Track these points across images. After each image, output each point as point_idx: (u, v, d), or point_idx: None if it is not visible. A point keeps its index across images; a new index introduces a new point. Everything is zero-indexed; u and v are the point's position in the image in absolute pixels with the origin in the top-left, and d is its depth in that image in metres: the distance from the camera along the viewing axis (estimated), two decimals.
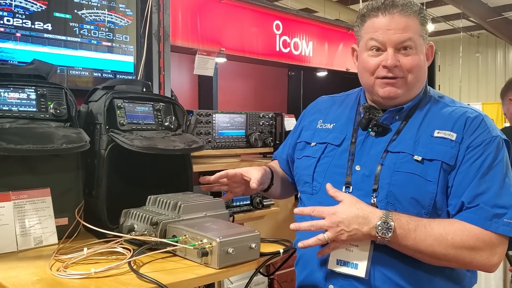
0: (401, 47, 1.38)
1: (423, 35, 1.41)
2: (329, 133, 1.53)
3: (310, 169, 1.51)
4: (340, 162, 1.44)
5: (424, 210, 1.32)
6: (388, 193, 1.33)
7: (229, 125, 2.50)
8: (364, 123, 1.45)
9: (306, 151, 1.57)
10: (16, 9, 1.76)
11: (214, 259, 1.21)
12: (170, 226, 1.35)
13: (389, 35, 1.37)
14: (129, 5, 2.10)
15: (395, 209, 1.31)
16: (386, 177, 1.34)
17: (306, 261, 1.48)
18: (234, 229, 1.32)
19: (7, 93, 1.46)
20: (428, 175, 1.32)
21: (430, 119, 1.41)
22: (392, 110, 1.43)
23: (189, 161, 1.75)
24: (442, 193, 1.32)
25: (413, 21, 1.38)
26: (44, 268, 1.20)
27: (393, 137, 1.40)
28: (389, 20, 1.38)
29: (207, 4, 2.42)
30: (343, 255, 1.36)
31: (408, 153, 1.35)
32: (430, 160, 1.33)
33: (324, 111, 1.63)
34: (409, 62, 1.38)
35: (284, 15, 2.85)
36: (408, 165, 1.34)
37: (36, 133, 1.41)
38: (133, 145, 1.51)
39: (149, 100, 1.72)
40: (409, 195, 1.32)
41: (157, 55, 2.14)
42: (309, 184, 1.50)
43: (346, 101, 1.61)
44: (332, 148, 1.49)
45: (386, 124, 1.43)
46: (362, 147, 1.43)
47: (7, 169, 1.42)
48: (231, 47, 2.54)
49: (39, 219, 1.43)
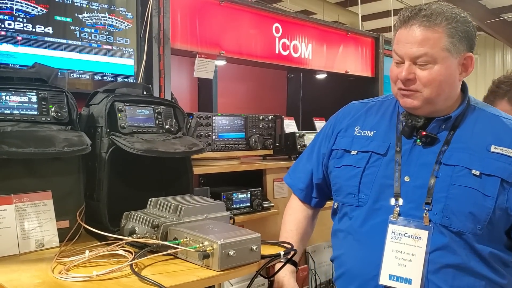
0: (418, 61, 1.34)
1: (449, 48, 1.32)
2: (371, 140, 1.48)
3: (355, 180, 1.45)
4: (387, 173, 1.40)
5: (479, 225, 1.30)
6: (444, 206, 1.31)
7: (228, 127, 2.50)
8: (408, 131, 1.41)
9: (346, 159, 1.51)
10: (17, 12, 1.77)
11: (215, 261, 1.22)
12: (171, 229, 1.36)
13: (406, 49, 1.34)
14: (129, 9, 2.11)
15: (451, 223, 1.30)
16: (442, 191, 1.32)
17: (352, 276, 1.44)
18: (235, 231, 1.32)
19: (9, 97, 1.46)
20: (486, 190, 1.30)
21: (481, 131, 1.37)
22: (439, 119, 1.39)
23: (189, 164, 1.75)
24: (500, 209, 1.30)
25: (435, 34, 1.31)
26: (46, 271, 1.20)
27: (443, 147, 1.37)
28: (408, 32, 1.34)
29: (207, 7, 2.43)
30: (396, 270, 1.33)
31: (464, 166, 1.33)
32: (489, 176, 1.30)
33: (360, 117, 1.57)
34: (425, 76, 1.33)
35: (283, 17, 2.86)
36: (466, 179, 1.31)
37: (37, 137, 1.41)
38: (134, 148, 1.51)
39: (149, 103, 1.73)
40: (466, 210, 1.29)
41: (157, 58, 2.15)
42: (354, 195, 1.45)
43: (382, 107, 1.55)
44: (378, 158, 1.44)
45: (434, 133, 1.39)
46: (409, 157, 1.39)
47: (8, 172, 1.42)
48: (230, 50, 2.54)
49: (41, 222, 1.44)
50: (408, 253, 1.32)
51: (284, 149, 2.81)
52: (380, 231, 1.37)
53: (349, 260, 1.46)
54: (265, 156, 2.81)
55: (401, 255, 1.33)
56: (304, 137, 2.84)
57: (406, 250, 1.32)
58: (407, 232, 1.32)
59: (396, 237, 1.34)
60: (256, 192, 2.51)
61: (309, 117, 3.37)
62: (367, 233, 1.41)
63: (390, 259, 1.34)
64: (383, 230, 1.36)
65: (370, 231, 1.40)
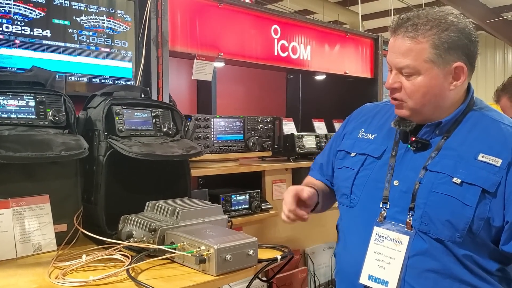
0: (403, 71, 1.32)
1: (433, 59, 1.28)
2: (370, 143, 1.48)
3: (349, 181, 1.46)
4: (379, 176, 1.40)
5: (458, 233, 1.27)
6: (423, 213, 1.30)
7: (227, 129, 2.50)
8: (402, 136, 1.41)
9: (345, 161, 1.52)
10: (15, 16, 1.77)
11: (212, 266, 1.22)
12: (168, 233, 1.36)
13: (392, 58, 1.33)
14: (128, 11, 2.11)
15: (429, 230, 1.29)
16: (422, 197, 1.31)
17: (343, 274, 1.47)
18: (232, 236, 1.33)
19: (6, 100, 1.47)
20: (466, 199, 1.27)
21: (476, 138, 1.33)
22: (430, 124, 1.36)
23: (187, 166, 1.76)
24: (480, 219, 1.27)
25: (417, 45, 1.28)
26: (43, 275, 1.20)
27: (433, 153, 1.35)
28: (394, 42, 1.32)
29: (206, 9, 2.43)
30: (375, 271, 1.34)
31: (447, 174, 1.30)
32: (470, 184, 1.27)
33: (367, 120, 1.57)
34: (408, 87, 1.32)
35: (282, 19, 2.86)
36: (446, 187, 1.29)
37: (35, 141, 1.42)
38: (131, 151, 1.52)
39: (147, 106, 1.73)
40: (444, 217, 1.28)
41: (155, 61, 2.15)
42: (347, 196, 1.47)
43: (390, 111, 1.52)
44: (372, 161, 1.44)
45: (426, 139, 1.37)
46: (401, 161, 1.39)
47: (5, 176, 1.43)
48: (229, 52, 2.54)
49: (38, 225, 1.44)
50: (388, 256, 1.33)
51: (283, 151, 2.81)
52: (366, 233, 1.38)
53: (342, 259, 1.49)
54: (263, 158, 2.81)
55: (382, 257, 1.34)
56: (303, 139, 2.84)
57: (386, 253, 1.33)
58: (389, 236, 1.33)
59: (379, 239, 1.35)
60: (255, 193, 2.52)
61: (308, 118, 3.37)
62: (355, 233, 1.43)
63: (371, 260, 1.36)
64: (369, 231, 1.37)
65: (357, 232, 1.42)
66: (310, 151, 2.85)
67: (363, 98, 3.33)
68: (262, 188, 2.62)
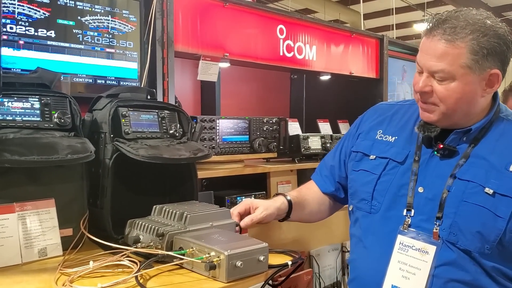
0: (435, 75, 1.27)
1: (470, 65, 1.23)
2: (391, 146, 1.44)
3: (370, 186, 1.42)
4: (402, 182, 1.36)
5: (487, 245, 1.24)
6: (452, 223, 1.26)
7: (232, 130, 2.48)
8: (426, 140, 1.36)
9: (364, 164, 1.48)
10: (19, 16, 1.74)
11: (222, 272, 1.19)
12: (176, 238, 1.33)
13: (425, 60, 1.27)
14: (133, 11, 2.08)
15: (457, 241, 1.26)
16: (452, 206, 1.27)
17: (362, 282, 1.42)
18: (242, 241, 1.30)
19: (11, 103, 1.44)
20: (498, 211, 1.23)
21: (505, 147, 1.30)
22: (458, 131, 1.33)
23: (194, 169, 1.73)
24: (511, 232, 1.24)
25: (455, 49, 1.22)
26: (50, 282, 1.18)
27: (460, 161, 1.31)
28: (429, 43, 1.26)
29: (211, 9, 2.40)
30: (399, 281, 1.30)
31: (478, 183, 1.26)
32: (503, 196, 1.24)
33: (385, 120, 1.52)
34: (441, 91, 1.27)
35: (287, 19, 2.83)
36: (478, 197, 1.25)
37: (40, 144, 1.39)
38: (138, 154, 1.49)
39: (153, 108, 1.70)
40: (474, 229, 1.24)
41: (161, 61, 2.12)
42: (367, 202, 1.42)
43: (410, 111, 1.48)
44: (394, 165, 1.40)
45: (453, 146, 1.33)
46: (426, 167, 1.35)
47: (10, 180, 1.40)
48: (234, 52, 2.51)
49: (44, 230, 1.41)
50: (413, 266, 1.29)
51: (288, 152, 2.79)
52: (389, 241, 1.34)
53: (359, 266, 1.44)
54: (269, 159, 2.78)
55: (406, 267, 1.30)
56: (308, 140, 2.81)
57: (411, 263, 1.29)
58: (415, 245, 1.29)
59: (404, 248, 1.31)
60: (260, 195, 2.50)
61: (312, 119, 3.34)
62: (377, 241, 1.39)
63: (394, 269, 1.31)
64: (392, 239, 1.33)
65: (379, 240, 1.38)
66: (315, 152, 2.83)
67: (368, 99, 3.31)
68: (267, 190, 2.60)
